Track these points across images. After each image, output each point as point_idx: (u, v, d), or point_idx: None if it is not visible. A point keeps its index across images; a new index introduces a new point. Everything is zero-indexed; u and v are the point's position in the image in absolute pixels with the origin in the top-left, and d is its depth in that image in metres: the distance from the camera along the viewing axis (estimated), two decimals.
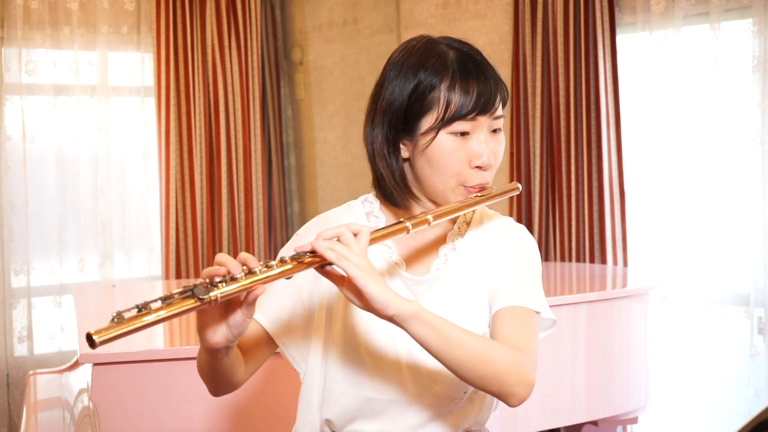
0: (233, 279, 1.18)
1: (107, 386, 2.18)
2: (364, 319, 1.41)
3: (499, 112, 1.38)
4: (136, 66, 4.44)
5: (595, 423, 3.13)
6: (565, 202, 3.94)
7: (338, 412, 1.42)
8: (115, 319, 1.11)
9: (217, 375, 1.37)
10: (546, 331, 1.47)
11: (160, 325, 2.78)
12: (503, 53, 4.27)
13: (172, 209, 4.45)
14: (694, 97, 3.60)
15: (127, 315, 1.11)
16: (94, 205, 4.33)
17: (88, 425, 2.18)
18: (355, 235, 1.24)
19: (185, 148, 4.49)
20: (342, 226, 1.24)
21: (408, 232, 1.31)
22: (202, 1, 4.51)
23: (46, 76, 4.20)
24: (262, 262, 1.20)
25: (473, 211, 1.48)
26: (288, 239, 5.08)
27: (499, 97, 1.38)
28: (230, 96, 4.59)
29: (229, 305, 1.24)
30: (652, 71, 3.68)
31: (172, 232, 4.45)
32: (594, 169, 3.84)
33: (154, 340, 2.49)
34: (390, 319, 1.22)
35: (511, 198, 4.12)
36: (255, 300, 1.22)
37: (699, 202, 3.61)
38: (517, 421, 2.74)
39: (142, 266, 4.49)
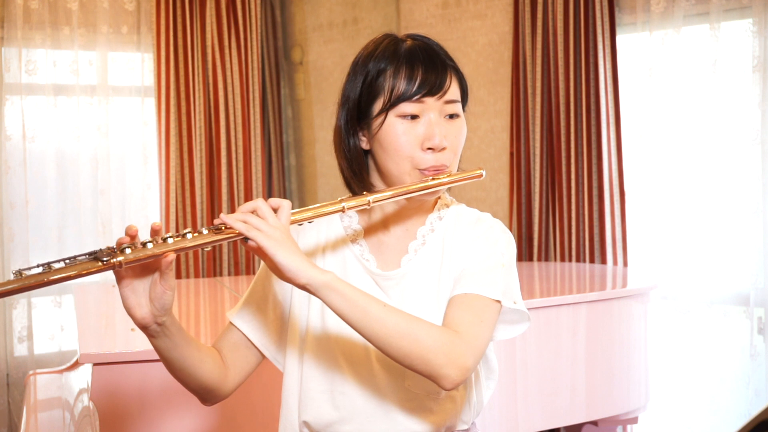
0: (143, 245, 1.19)
1: (107, 386, 2.18)
2: (337, 320, 1.40)
3: (451, 96, 1.39)
4: (136, 66, 4.44)
5: (595, 423, 3.13)
6: (565, 202, 3.94)
7: (315, 414, 1.43)
8: (15, 275, 1.11)
9: (175, 367, 1.37)
10: (518, 325, 1.44)
11: None
12: (503, 53, 4.27)
13: (172, 209, 4.45)
14: (694, 97, 3.60)
15: (28, 272, 1.12)
16: (94, 205, 4.33)
17: (88, 425, 2.18)
18: (276, 209, 1.27)
19: (185, 148, 4.49)
20: (259, 199, 1.27)
21: (344, 212, 1.33)
22: (202, 1, 4.51)
23: (46, 76, 4.20)
24: (175, 233, 1.22)
25: (447, 206, 1.48)
26: None
27: (449, 82, 1.39)
28: (230, 96, 4.59)
29: (148, 273, 1.25)
30: (652, 71, 3.68)
31: (172, 231, 4.44)
32: (594, 169, 3.84)
33: None
34: (303, 287, 1.23)
35: (512, 198, 4.12)
36: (169, 269, 1.24)
37: (699, 202, 3.61)
38: (517, 421, 2.74)
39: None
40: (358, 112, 1.41)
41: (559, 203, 3.96)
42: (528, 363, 2.77)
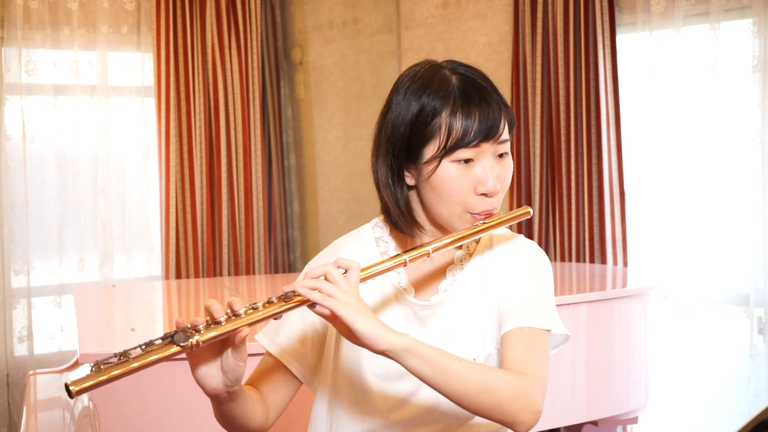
0: (216, 323, 1.18)
1: (107, 386, 2.18)
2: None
3: (504, 137, 1.35)
4: (136, 66, 4.44)
5: (595, 423, 3.13)
6: (565, 202, 3.94)
7: None
8: (94, 369, 1.12)
9: (230, 422, 1.36)
10: (559, 346, 1.44)
11: (160, 325, 2.78)
12: (503, 53, 4.27)
13: (172, 209, 4.45)
14: (694, 97, 3.60)
15: (106, 364, 1.12)
16: (94, 205, 4.33)
17: (88, 425, 2.18)
18: (346, 270, 1.24)
19: (185, 148, 4.49)
20: (329, 264, 1.23)
21: (405, 266, 1.30)
22: (202, 1, 4.51)
23: (46, 76, 4.20)
24: (248, 305, 1.20)
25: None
26: (288, 239, 5.10)
27: (502, 122, 1.35)
28: (230, 96, 4.59)
29: (221, 351, 1.24)
30: (652, 71, 3.68)
31: (172, 232, 4.45)
32: (594, 169, 3.84)
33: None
34: (382, 353, 1.21)
35: (512, 198, 4.12)
36: (243, 343, 1.22)
37: (699, 203, 3.61)
38: None
39: (142, 266, 4.49)
40: (407, 153, 1.35)
41: (559, 203, 3.96)
42: None
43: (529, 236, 4.08)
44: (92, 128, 4.31)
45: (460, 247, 1.44)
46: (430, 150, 1.33)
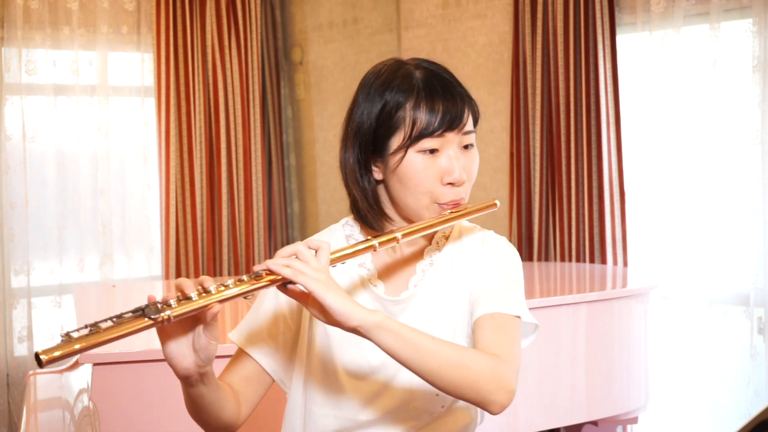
0: (187, 299, 1.17)
1: (107, 386, 2.18)
2: (340, 342, 1.41)
3: (469, 128, 1.38)
4: (136, 66, 4.44)
5: (595, 423, 3.13)
6: (565, 202, 3.94)
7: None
8: (64, 339, 1.11)
9: (201, 411, 1.35)
10: (529, 337, 1.45)
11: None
12: (503, 53, 4.27)
13: (172, 209, 4.45)
14: (694, 97, 3.60)
15: (76, 334, 1.11)
16: (94, 205, 4.33)
17: (88, 425, 2.18)
18: (316, 250, 1.24)
19: (185, 148, 4.49)
20: (299, 243, 1.24)
21: (375, 250, 1.31)
22: (202, 1, 4.51)
23: (46, 76, 4.20)
24: (219, 283, 1.20)
25: (451, 226, 1.48)
26: (288, 239, 5.09)
27: (467, 113, 1.37)
28: (230, 96, 4.59)
29: (193, 328, 1.23)
30: (652, 71, 3.68)
31: (172, 232, 4.45)
32: (594, 169, 3.84)
33: (154, 340, 2.49)
34: (354, 330, 1.21)
35: (512, 198, 4.12)
36: (214, 320, 1.21)
37: (699, 202, 3.61)
38: (517, 421, 2.74)
39: (142, 266, 4.49)
40: (373, 145, 1.38)
41: (559, 203, 3.96)
42: (528, 363, 2.77)
43: (530, 236, 4.08)
44: (92, 128, 4.31)
45: (429, 243, 1.46)
46: (396, 141, 1.35)
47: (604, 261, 3.82)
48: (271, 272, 1.21)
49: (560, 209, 3.96)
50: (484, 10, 4.34)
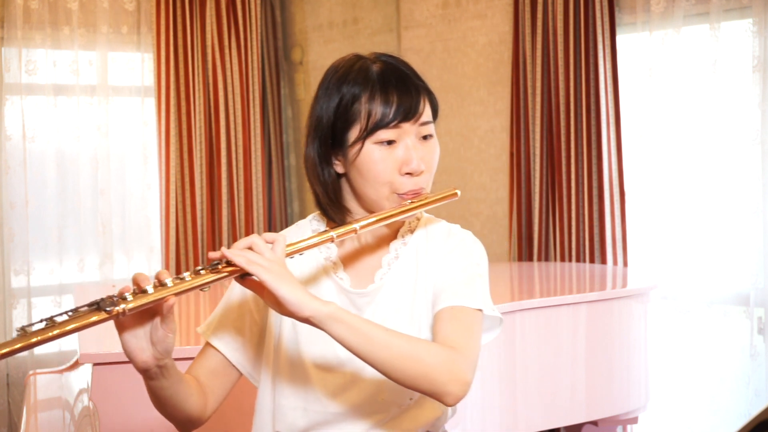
0: (143, 292, 1.19)
1: (107, 386, 2.18)
2: (308, 336, 1.42)
3: (426, 118, 1.40)
4: (136, 66, 4.44)
5: (595, 423, 3.13)
6: (565, 202, 3.94)
7: (288, 426, 1.44)
8: (19, 333, 1.11)
9: (164, 403, 1.37)
10: (493, 331, 1.47)
11: None
12: (503, 53, 4.27)
13: (172, 209, 4.45)
14: (694, 97, 3.60)
15: (32, 329, 1.12)
16: (94, 205, 4.33)
17: (88, 425, 2.18)
18: (271, 243, 1.27)
19: (185, 148, 4.49)
20: (254, 235, 1.27)
21: (332, 241, 1.33)
22: (202, 1, 4.51)
23: (46, 76, 4.20)
24: (175, 276, 1.22)
25: (417, 219, 1.50)
26: None
27: (422, 104, 1.39)
28: (230, 96, 4.59)
29: (150, 321, 1.25)
30: (652, 71, 3.68)
31: (172, 232, 4.45)
32: (594, 169, 3.84)
33: None
34: (307, 320, 1.23)
35: (512, 198, 4.12)
36: (171, 312, 1.23)
37: (699, 202, 3.61)
38: (517, 421, 2.74)
39: (142, 266, 4.49)
40: (332, 139, 1.40)
41: (559, 203, 3.96)
42: (528, 363, 2.77)
43: (530, 236, 4.08)
44: (92, 128, 4.31)
45: (395, 236, 1.48)
46: (353, 134, 1.37)
47: (604, 261, 3.82)
48: (228, 264, 1.23)
49: (560, 209, 3.96)
50: (484, 10, 4.34)
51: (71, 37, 4.25)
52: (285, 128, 5.03)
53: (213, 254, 1.24)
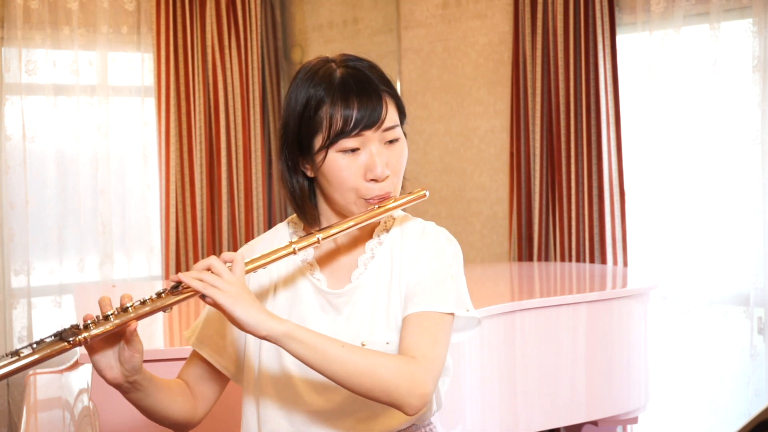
0: (105, 318, 1.25)
1: (107, 386, 2.18)
2: None
3: (389, 123, 1.39)
4: (136, 66, 4.44)
5: (595, 423, 3.13)
6: (565, 202, 3.94)
7: (274, 427, 1.46)
8: None
9: (147, 412, 1.42)
10: (468, 330, 1.47)
11: (160, 325, 2.78)
12: (503, 53, 4.27)
13: (172, 209, 4.45)
14: (694, 97, 3.60)
15: None
16: (94, 205, 4.33)
17: (88, 425, 2.18)
18: (230, 262, 1.30)
19: (185, 148, 4.49)
20: (212, 257, 1.30)
21: (295, 254, 1.35)
22: (202, 1, 4.51)
23: (46, 76, 4.20)
24: (139, 299, 1.27)
25: (393, 218, 1.50)
26: None
27: (384, 110, 1.38)
28: (230, 96, 4.59)
29: (116, 343, 1.30)
30: (652, 71, 3.68)
31: (172, 232, 4.45)
32: (594, 169, 3.84)
33: (154, 340, 2.49)
34: (265, 338, 1.27)
35: (512, 198, 4.12)
36: (134, 335, 1.28)
37: (699, 202, 3.61)
38: (517, 421, 2.74)
39: (142, 266, 4.49)
40: (299, 145, 1.41)
41: (559, 203, 3.96)
42: (528, 363, 2.77)
43: (530, 236, 4.08)
44: (92, 128, 4.31)
45: (371, 236, 1.49)
46: (318, 142, 1.38)
47: (604, 261, 3.82)
48: (187, 286, 1.27)
49: (560, 209, 3.96)
50: (484, 10, 4.34)
51: (71, 37, 4.25)
52: None
53: (172, 278, 1.28)
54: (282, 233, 1.53)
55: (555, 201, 3.98)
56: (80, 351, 2.26)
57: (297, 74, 1.43)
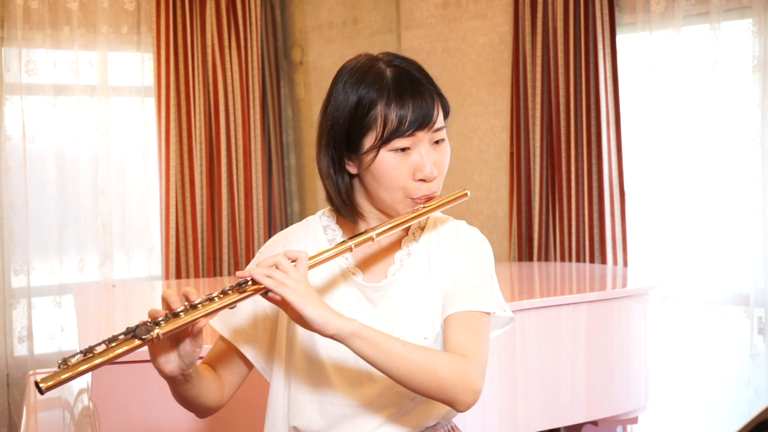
0: (175, 315, 1.25)
1: (107, 386, 2.18)
2: None
3: (439, 124, 1.42)
4: (136, 66, 4.44)
5: (595, 423, 3.13)
6: (565, 202, 3.94)
7: (305, 421, 1.46)
8: (61, 366, 1.18)
9: (187, 401, 1.44)
10: (504, 327, 1.54)
11: None
12: (503, 53, 4.27)
13: (172, 209, 4.45)
14: (694, 97, 3.60)
15: (73, 360, 1.18)
16: (94, 205, 4.33)
17: (88, 425, 2.18)
18: (294, 260, 1.31)
19: (185, 148, 4.49)
20: (279, 254, 1.31)
21: (351, 251, 1.37)
22: (202, 1, 4.51)
23: (46, 76, 4.20)
24: (205, 296, 1.27)
25: (426, 218, 1.52)
26: None
27: (436, 111, 1.41)
28: (230, 96, 4.59)
29: (179, 336, 1.30)
30: (652, 71, 3.68)
31: (172, 232, 4.45)
32: (594, 169, 3.84)
33: None
34: (332, 337, 1.29)
35: (512, 198, 4.12)
36: (200, 332, 1.29)
37: (699, 202, 3.61)
38: (517, 421, 2.74)
39: (142, 266, 4.49)
40: (347, 144, 1.42)
41: (559, 203, 3.96)
42: (528, 363, 2.77)
43: (530, 236, 4.08)
44: (92, 128, 4.31)
45: (406, 234, 1.52)
46: (369, 141, 1.40)
47: (604, 261, 3.82)
48: (254, 282, 1.28)
49: (560, 209, 3.96)
50: (484, 10, 4.34)
51: (71, 37, 4.25)
52: (285, 128, 5.03)
53: (241, 273, 1.29)
54: (314, 225, 1.54)
55: (555, 201, 3.98)
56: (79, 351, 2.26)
57: (341, 73, 1.44)
